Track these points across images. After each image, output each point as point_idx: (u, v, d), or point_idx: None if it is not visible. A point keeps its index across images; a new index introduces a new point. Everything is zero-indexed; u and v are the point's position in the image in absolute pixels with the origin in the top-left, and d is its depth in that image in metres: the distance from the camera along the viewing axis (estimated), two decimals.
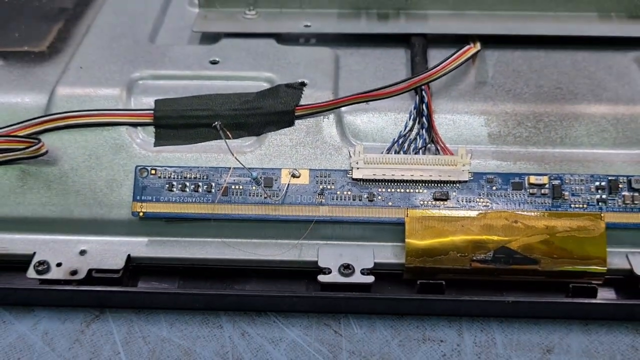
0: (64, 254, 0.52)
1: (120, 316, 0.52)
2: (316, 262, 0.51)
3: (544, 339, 0.50)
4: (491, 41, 0.60)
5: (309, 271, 0.51)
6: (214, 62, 0.58)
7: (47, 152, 0.52)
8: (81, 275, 0.50)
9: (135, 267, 0.52)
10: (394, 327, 0.51)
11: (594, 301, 0.49)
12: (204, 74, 0.57)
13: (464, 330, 0.51)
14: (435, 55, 0.59)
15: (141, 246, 0.52)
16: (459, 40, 0.60)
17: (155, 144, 0.54)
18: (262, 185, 0.51)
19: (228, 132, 0.52)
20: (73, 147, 0.53)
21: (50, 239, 0.53)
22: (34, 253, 0.51)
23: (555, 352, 0.49)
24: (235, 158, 0.51)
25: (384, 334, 0.50)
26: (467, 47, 0.58)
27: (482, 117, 0.55)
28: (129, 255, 0.52)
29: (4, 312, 0.52)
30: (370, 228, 0.52)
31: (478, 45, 0.59)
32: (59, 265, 0.51)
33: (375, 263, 0.51)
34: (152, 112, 0.54)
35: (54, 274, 0.50)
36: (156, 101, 0.55)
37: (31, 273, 0.50)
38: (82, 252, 0.52)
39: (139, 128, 0.54)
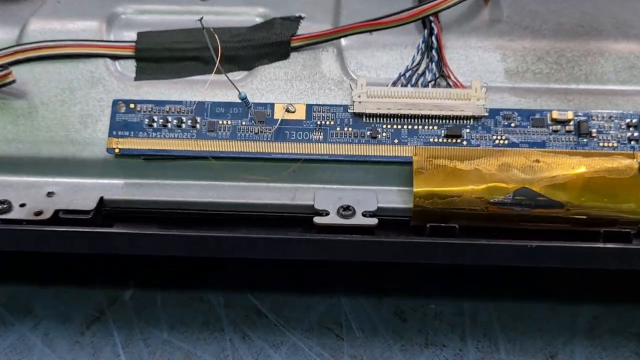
0: (29, 196, 0.46)
1: (121, 318, 0.51)
2: (312, 205, 0.45)
3: (547, 344, 0.49)
4: None
5: (304, 217, 0.45)
6: None
7: (14, 81, 0.48)
8: (47, 215, 0.45)
9: (109, 212, 0.47)
10: (396, 332, 0.50)
11: (630, 246, 0.43)
12: (193, 9, 0.53)
13: (467, 335, 0.50)
14: None
15: (116, 188, 0.47)
16: None
17: (137, 78, 0.49)
18: (254, 117, 0.46)
19: None
20: (45, 80, 0.49)
21: (15, 180, 0.47)
22: None
23: (558, 358, 0.49)
24: (221, 69, 0.44)
25: (386, 338, 0.50)
26: None
27: (498, 52, 0.50)
28: (101, 197, 0.46)
29: (4, 312, 0.52)
30: (374, 169, 0.46)
31: None
32: (22, 205, 0.45)
33: (378, 207, 0.45)
34: (134, 44, 0.49)
35: (16, 214, 0.45)
36: (139, 33, 0.50)
37: None
38: (50, 194, 0.46)
39: (118, 61, 0.49)
